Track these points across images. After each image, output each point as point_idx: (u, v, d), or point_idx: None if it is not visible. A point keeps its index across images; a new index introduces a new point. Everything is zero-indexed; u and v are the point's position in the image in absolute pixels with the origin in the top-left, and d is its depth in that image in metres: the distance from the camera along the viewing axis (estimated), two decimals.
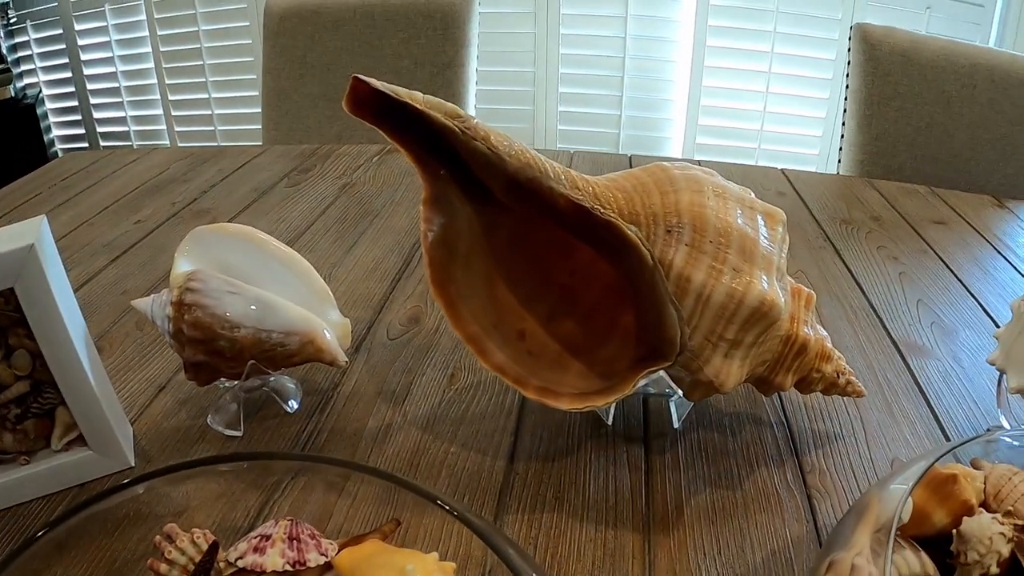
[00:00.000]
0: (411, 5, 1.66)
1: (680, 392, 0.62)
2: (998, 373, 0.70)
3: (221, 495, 0.54)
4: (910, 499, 0.48)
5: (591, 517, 0.58)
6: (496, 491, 0.61)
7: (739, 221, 0.56)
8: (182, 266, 0.67)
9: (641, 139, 2.75)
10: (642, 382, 0.58)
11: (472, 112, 1.65)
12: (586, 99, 2.74)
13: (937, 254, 1.08)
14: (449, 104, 0.54)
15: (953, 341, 0.86)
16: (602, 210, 0.56)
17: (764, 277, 0.55)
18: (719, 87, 2.65)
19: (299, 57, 1.74)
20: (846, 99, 1.63)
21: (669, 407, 0.68)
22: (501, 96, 2.73)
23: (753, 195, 0.60)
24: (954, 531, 0.46)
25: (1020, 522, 0.46)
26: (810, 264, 1.01)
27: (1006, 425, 0.70)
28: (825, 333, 0.64)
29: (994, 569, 0.44)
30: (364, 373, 0.75)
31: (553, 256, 0.65)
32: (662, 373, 0.60)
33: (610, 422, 0.67)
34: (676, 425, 0.67)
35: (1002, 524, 0.45)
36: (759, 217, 0.58)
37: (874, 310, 0.90)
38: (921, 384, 0.77)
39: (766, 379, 0.61)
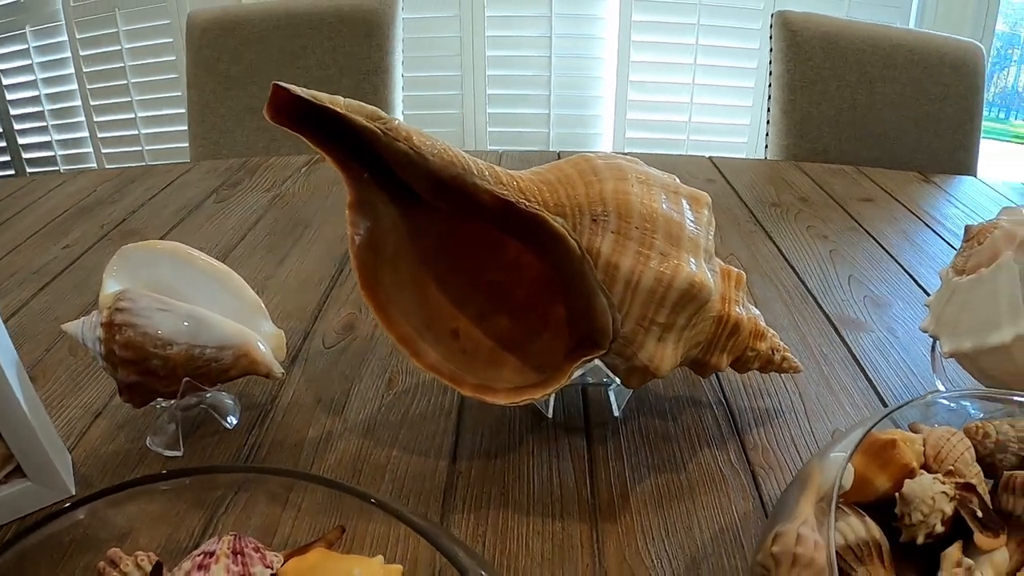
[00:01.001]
0: (334, 12, 1.65)
1: (618, 380, 0.62)
2: (931, 340, 0.72)
3: (164, 516, 0.53)
4: (851, 466, 0.48)
5: (537, 510, 0.58)
6: (440, 491, 0.60)
7: (664, 206, 0.56)
8: (111, 287, 0.66)
9: (571, 136, 2.76)
10: (578, 372, 0.58)
11: (400, 117, 1.64)
12: (514, 100, 2.74)
13: (866, 230, 1.10)
14: (370, 106, 0.54)
15: (887, 313, 0.87)
16: (527, 203, 0.55)
17: (692, 260, 0.55)
18: (646, 81, 2.68)
19: (223, 71, 1.72)
20: (770, 85, 1.65)
21: (608, 396, 0.68)
22: (429, 101, 2.73)
23: (678, 181, 0.61)
24: (897, 494, 0.47)
25: (961, 480, 0.47)
26: (741, 247, 1.02)
27: (942, 389, 0.72)
28: (757, 312, 0.64)
29: (939, 528, 0.45)
30: (302, 383, 0.74)
31: (483, 254, 0.65)
32: (599, 362, 0.60)
33: (550, 415, 0.67)
34: (616, 413, 0.67)
35: (944, 484, 0.46)
36: (684, 201, 0.58)
37: (807, 288, 0.92)
38: (857, 356, 0.79)
39: (702, 361, 0.62)
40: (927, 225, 1.14)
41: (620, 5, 2.58)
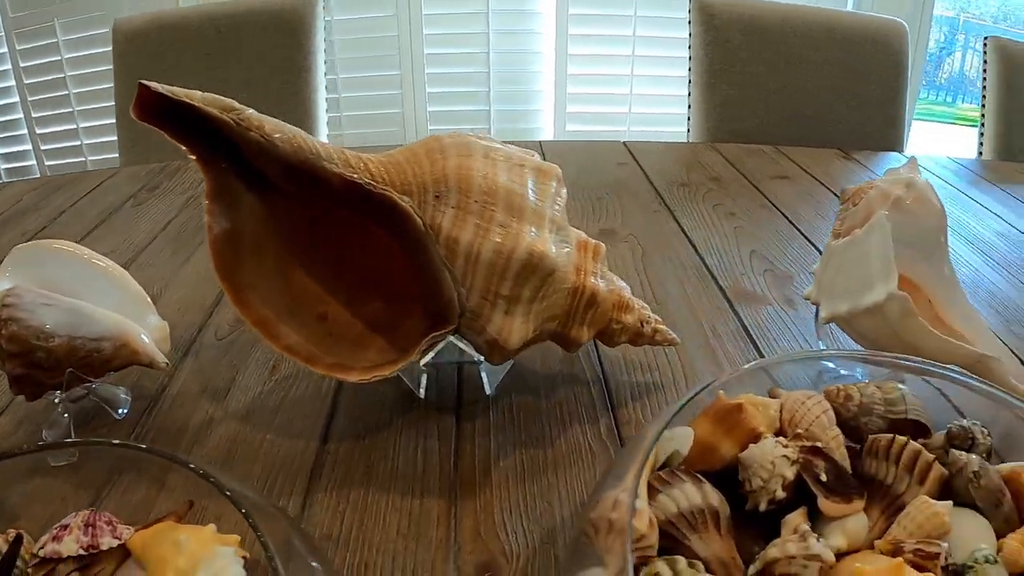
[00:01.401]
0: (256, 15, 1.64)
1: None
2: (814, 307, 0.72)
3: (51, 498, 0.54)
4: (689, 432, 0.48)
5: (398, 488, 0.58)
6: (308, 471, 0.60)
7: (506, 179, 0.56)
8: (1, 285, 0.66)
9: (512, 131, 2.75)
10: (440, 350, 0.58)
11: (324, 116, 1.64)
12: (454, 97, 2.74)
13: (777, 207, 1.11)
14: (226, 99, 0.55)
15: (787, 286, 0.88)
16: (375, 185, 0.56)
17: (533, 230, 0.55)
18: (585, 74, 2.68)
19: (149, 76, 1.69)
20: (690, 70, 1.66)
21: (480, 375, 0.67)
22: (369, 101, 2.72)
23: (534, 157, 0.61)
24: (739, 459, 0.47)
25: (808, 443, 0.46)
26: (642, 227, 1.02)
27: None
28: (623, 284, 0.64)
29: (780, 493, 0.44)
30: (191, 374, 0.74)
31: (353, 238, 0.65)
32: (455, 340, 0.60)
33: (422, 395, 0.66)
34: (488, 391, 0.67)
35: (785, 447, 0.46)
36: (530, 173, 0.58)
37: (705, 264, 0.92)
38: (748, 328, 0.79)
39: (561, 334, 0.62)
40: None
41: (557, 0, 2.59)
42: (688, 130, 1.69)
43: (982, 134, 1.93)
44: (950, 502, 0.44)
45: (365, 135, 2.71)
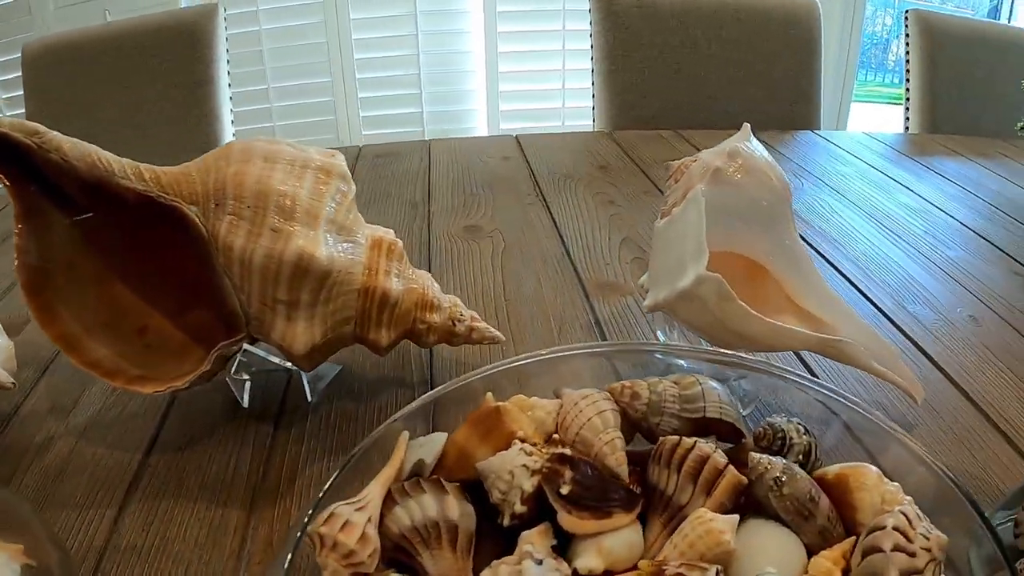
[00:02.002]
0: (157, 29, 1.63)
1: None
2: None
3: None
4: (442, 438, 0.46)
5: (205, 498, 0.57)
6: (126, 484, 0.59)
7: (280, 182, 0.55)
8: None
9: (446, 132, 2.75)
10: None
11: (230, 125, 1.63)
12: (387, 100, 2.73)
13: (661, 192, 1.10)
14: (31, 124, 0.55)
15: None
16: (165, 196, 0.56)
17: (308, 232, 0.54)
18: (516, 71, 2.67)
19: (57, 97, 1.69)
20: (592, 58, 1.65)
21: (302, 381, 0.66)
22: (301, 109, 2.71)
23: (326, 157, 0.60)
24: None
25: (559, 451, 0.42)
26: (511, 222, 1.01)
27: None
28: (429, 283, 0.63)
29: (519, 507, 0.40)
30: (44, 393, 0.73)
31: (173, 249, 0.64)
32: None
33: (246, 404, 0.65)
34: (310, 398, 0.66)
35: (528, 455, 0.41)
36: (310, 174, 0.57)
37: (569, 256, 0.91)
38: (600, 321, 0.78)
39: (360, 336, 0.61)
40: None
41: None
42: (593, 119, 1.68)
43: (908, 108, 1.94)
44: (735, 516, 0.39)
45: (300, 144, 2.70)
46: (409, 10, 2.59)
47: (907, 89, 1.95)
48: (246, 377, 0.64)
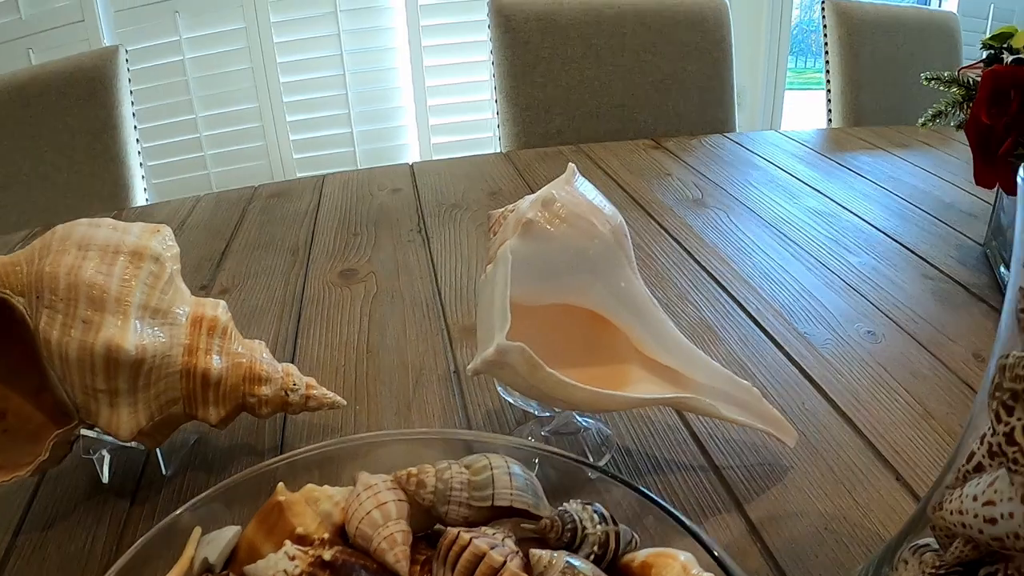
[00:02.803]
0: (57, 76, 1.62)
1: None
2: None
3: None
4: (233, 532, 0.44)
5: None
6: None
7: (90, 272, 0.55)
8: None
9: (378, 151, 2.75)
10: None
11: (141, 169, 1.63)
12: (316, 123, 2.73)
13: None
14: None
15: None
16: None
17: (117, 322, 0.55)
18: (444, 84, 2.68)
19: None
20: (493, 76, 1.65)
21: (157, 454, 0.67)
22: (230, 138, 2.71)
23: (152, 240, 0.60)
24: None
25: (320, 553, 0.39)
26: (387, 263, 1.01)
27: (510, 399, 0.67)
28: (258, 354, 0.63)
29: None
30: None
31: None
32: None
33: (106, 480, 0.66)
34: (164, 471, 0.66)
35: (292, 559, 0.39)
36: (122, 260, 0.57)
37: (440, 298, 0.91)
38: (459, 368, 0.77)
39: (194, 416, 0.61)
40: (634, 199, 1.15)
41: (407, 13, 2.58)
42: (499, 138, 1.68)
43: (829, 101, 1.95)
44: None
45: (231, 172, 2.70)
46: (332, 30, 2.59)
47: (827, 81, 1.96)
48: (105, 453, 0.64)
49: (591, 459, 0.63)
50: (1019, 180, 0.36)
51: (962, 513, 0.35)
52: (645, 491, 0.43)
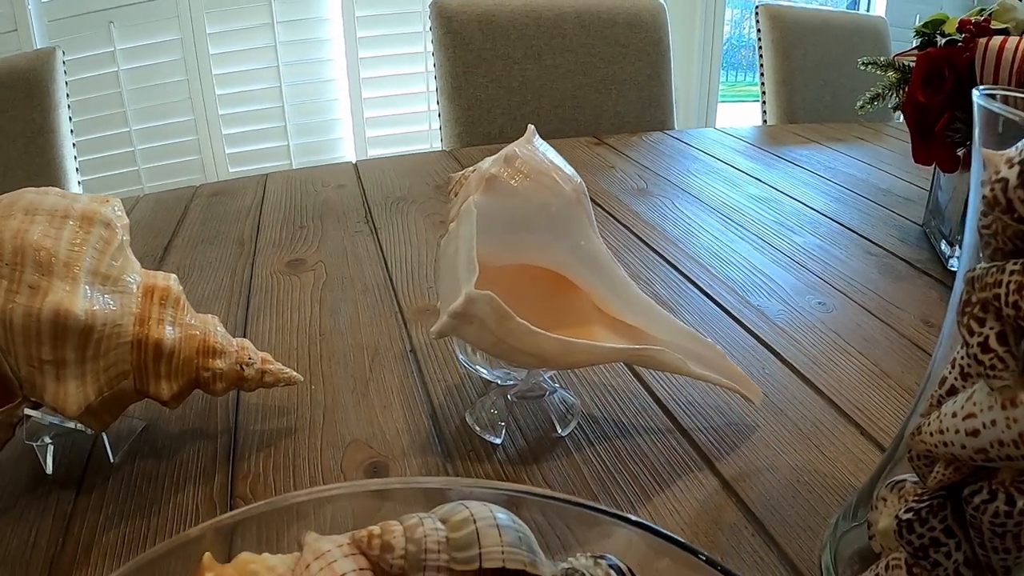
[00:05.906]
0: None
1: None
2: None
3: None
4: None
5: (4, 574, 0.55)
6: None
7: (38, 235, 0.53)
8: None
9: (312, 145, 2.74)
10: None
11: (77, 174, 1.59)
12: (252, 135, 2.71)
13: None
14: None
15: None
16: None
17: (66, 287, 0.53)
18: (381, 96, 2.67)
19: None
20: (436, 77, 1.65)
21: (104, 441, 0.65)
22: (166, 151, 2.66)
23: (105, 207, 0.58)
24: None
25: None
26: (335, 252, 1.00)
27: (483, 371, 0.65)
28: (211, 327, 0.61)
29: None
30: None
31: None
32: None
33: (49, 471, 0.64)
34: (112, 459, 0.64)
35: None
36: (70, 224, 0.55)
37: (391, 282, 0.90)
38: (416, 350, 0.76)
39: (141, 391, 0.59)
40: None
41: (343, 24, 2.57)
42: (441, 139, 1.68)
43: (764, 102, 1.99)
44: None
45: (166, 185, 2.66)
46: (269, 42, 2.57)
47: (762, 83, 2.00)
48: (48, 441, 0.62)
49: (558, 429, 0.63)
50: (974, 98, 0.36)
51: (943, 432, 0.35)
52: (662, 530, 0.34)
